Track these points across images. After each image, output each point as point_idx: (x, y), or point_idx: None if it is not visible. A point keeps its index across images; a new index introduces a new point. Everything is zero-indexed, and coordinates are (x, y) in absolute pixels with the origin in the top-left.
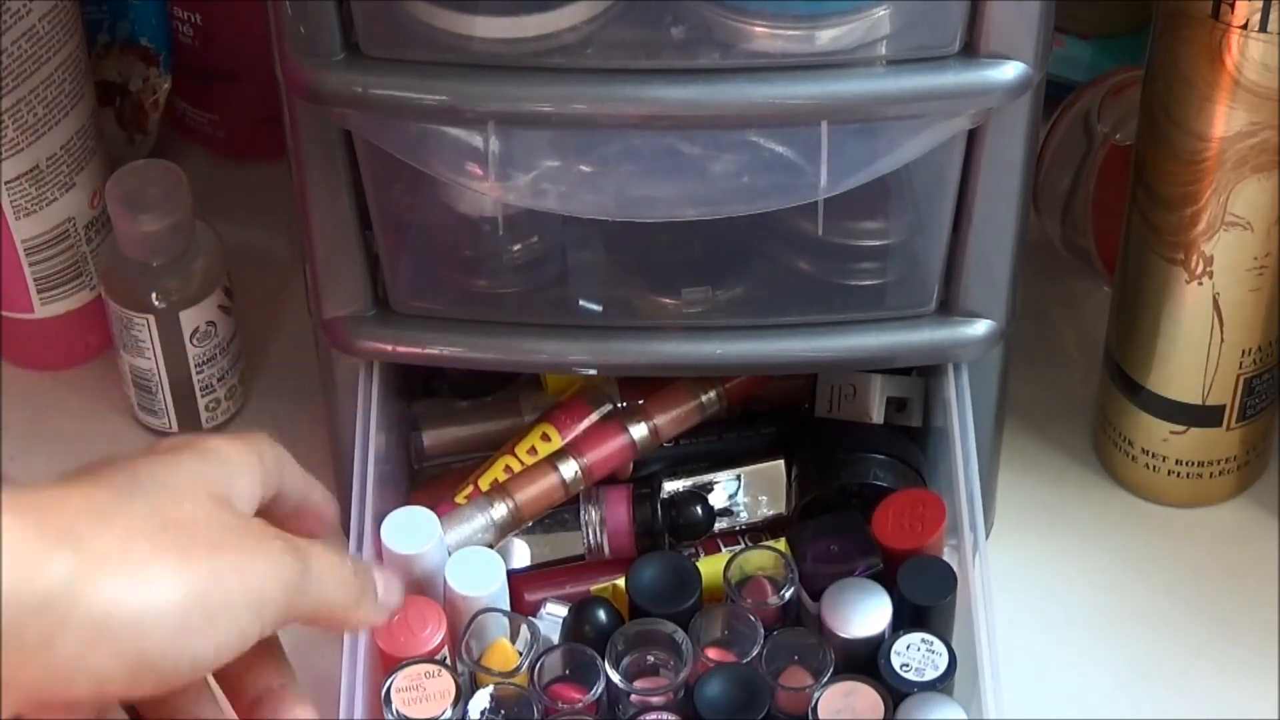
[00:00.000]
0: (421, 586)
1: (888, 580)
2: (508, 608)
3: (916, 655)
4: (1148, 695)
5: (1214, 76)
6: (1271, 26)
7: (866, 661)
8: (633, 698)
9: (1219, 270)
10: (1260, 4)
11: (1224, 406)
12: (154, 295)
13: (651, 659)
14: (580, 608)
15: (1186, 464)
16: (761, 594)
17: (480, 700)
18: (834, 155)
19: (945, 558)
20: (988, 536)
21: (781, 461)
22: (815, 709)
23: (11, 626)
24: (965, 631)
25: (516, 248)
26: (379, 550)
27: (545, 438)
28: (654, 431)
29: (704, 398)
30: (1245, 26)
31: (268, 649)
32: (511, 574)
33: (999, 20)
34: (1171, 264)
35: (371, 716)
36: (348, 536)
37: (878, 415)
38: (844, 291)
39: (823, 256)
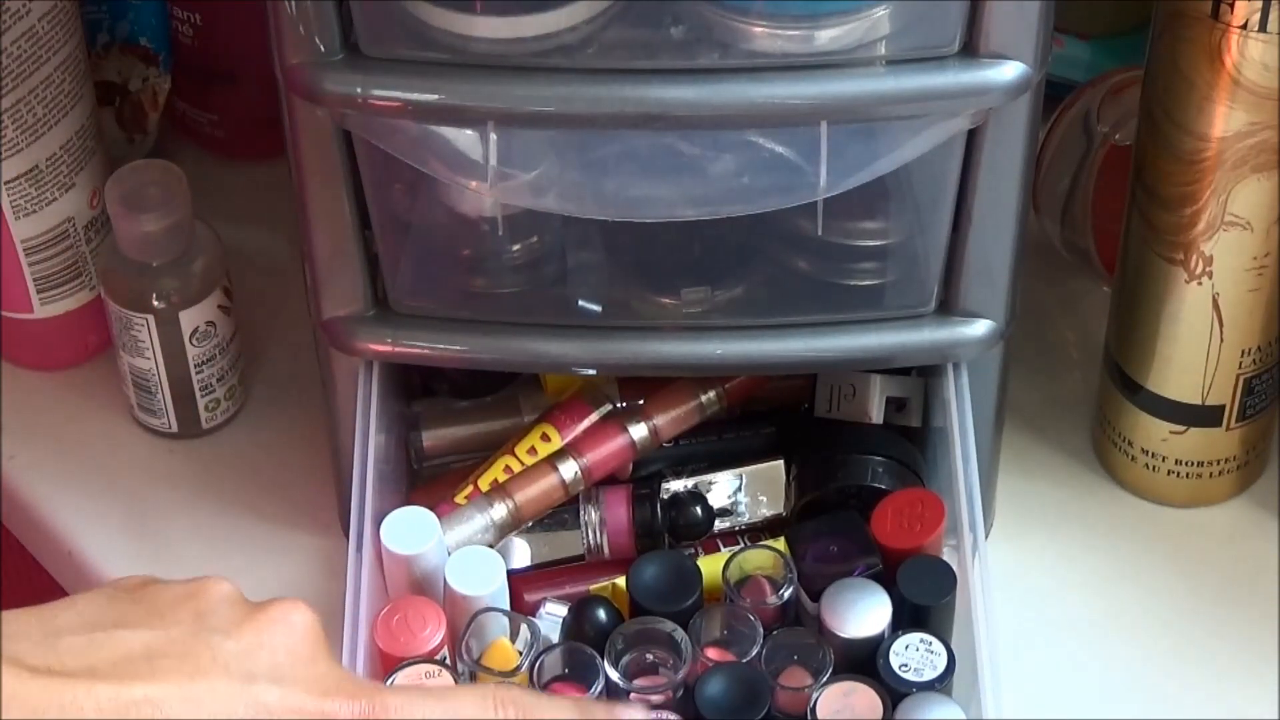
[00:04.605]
0: (421, 586)
1: (887, 580)
2: (508, 607)
3: (915, 655)
4: (1147, 695)
5: (1213, 76)
6: (1271, 26)
7: (866, 661)
8: (632, 696)
9: (1218, 270)
10: (1259, 4)
11: (1223, 406)
12: (154, 295)
13: (651, 658)
14: (580, 606)
15: (1186, 464)
16: (760, 594)
17: None
18: (833, 155)
19: (945, 558)
20: (987, 536)
21: (781, 461)
22: (814, 709)
23: None
24: (964, 631)
25: (516, 248)
26: (379, 550)
27: (545, 438)
28: (654, 432)
29: (704, 398)
30: (1245, 26)
31: None
32: (511, 574)
33: (999, 20)
34: (1171, 264)
35: None
36: (347, 537)
37: (877, 415)
38: (844, 291)
39: (822, 256)
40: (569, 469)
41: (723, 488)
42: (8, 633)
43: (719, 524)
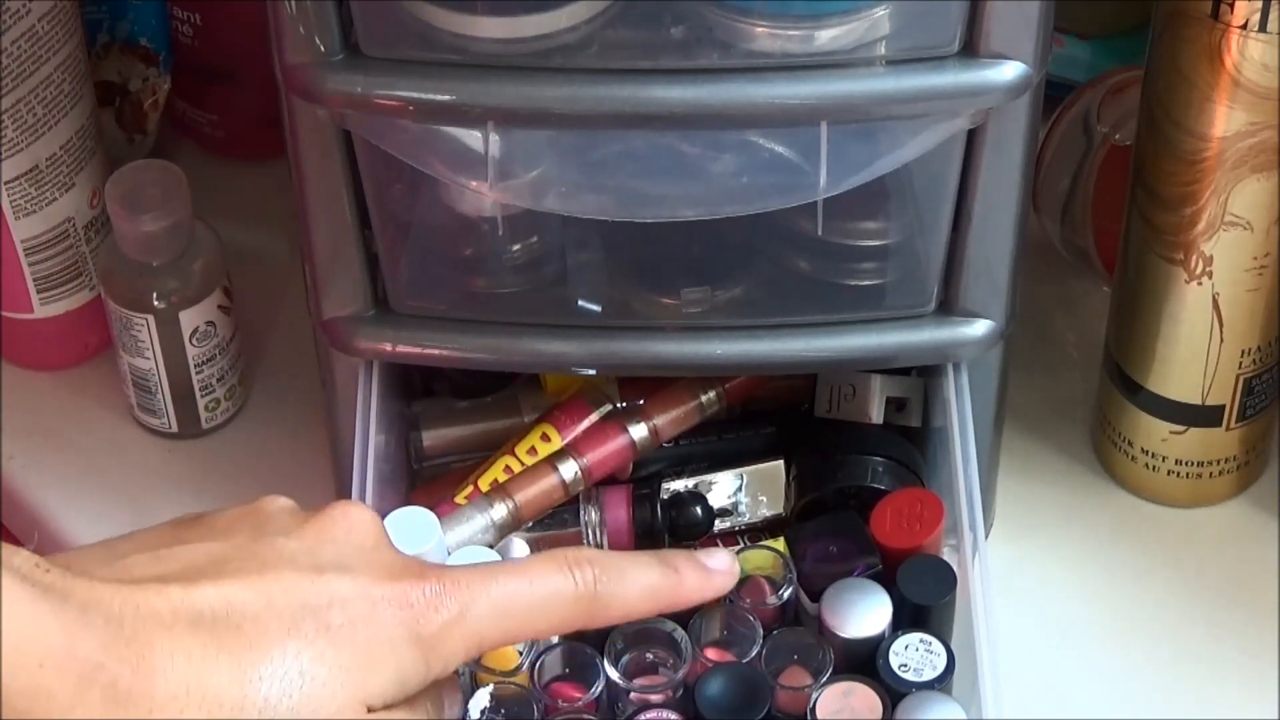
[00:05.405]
0: None
1: (887, 580)
2: None
3: (914, 655)
4: (1147, 695)
5: (1213, 76)
6: (1271, 26)
7: (866, 661)
8: (632, 695)
9: (1218, 270)
10: (1259, 4)
11: (1223, 406)
12: (154, 295)
13: (650, 657)
14: None
15: (1186, 464)
16: (759, 594)
17: (480, 700)
18: (833, 155)
19: (945, 557)
20: (987, 536)
21: (781, 461)
22: (814, 709)
23: None
24: (965, 631)
25: (516, 248)
26: None
27: (545, 438)
28: (654, 432)
29: (704, 398)
30: (1245, 26)
31: None
32: None
33: (999, 20)
34: (1171, 264)
35: None
36: None
37: (877, 415)
38: (843, 291)
39: (822, 256)
40: (569, 469)
41: (723, 488)
42: (76, 557)
43: (719, 524)
